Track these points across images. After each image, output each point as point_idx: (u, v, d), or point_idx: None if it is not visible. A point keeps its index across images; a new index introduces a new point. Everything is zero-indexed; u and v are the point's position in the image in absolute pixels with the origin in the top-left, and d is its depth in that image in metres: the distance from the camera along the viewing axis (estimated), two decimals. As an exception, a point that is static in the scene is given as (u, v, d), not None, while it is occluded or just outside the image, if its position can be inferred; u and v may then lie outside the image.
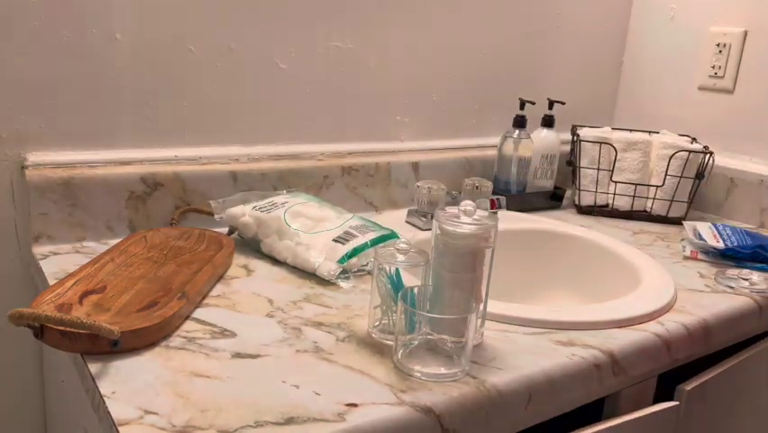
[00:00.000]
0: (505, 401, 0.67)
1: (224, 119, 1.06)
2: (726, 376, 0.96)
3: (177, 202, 1.01)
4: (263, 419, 0.58)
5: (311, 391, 0.63)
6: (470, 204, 0.72)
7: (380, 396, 0.63)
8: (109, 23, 0.93)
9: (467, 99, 1.34)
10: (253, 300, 0.82)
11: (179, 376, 0.64)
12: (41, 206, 0.91)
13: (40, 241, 0.92)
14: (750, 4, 1.35)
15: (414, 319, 0.69)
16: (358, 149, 1.20)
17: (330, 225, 0.96)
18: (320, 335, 0.74)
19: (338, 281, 0.88)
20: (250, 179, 1.07)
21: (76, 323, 0.63)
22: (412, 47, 1.23)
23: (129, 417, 0.57)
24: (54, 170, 0.92)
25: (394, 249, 0.76)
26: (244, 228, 0.97)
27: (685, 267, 1.07)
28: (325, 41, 1.13)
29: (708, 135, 1.43)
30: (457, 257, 0.71)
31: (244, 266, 0.92)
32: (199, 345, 0.70)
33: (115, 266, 0.83)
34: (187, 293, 0.75)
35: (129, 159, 0.98)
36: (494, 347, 0.74)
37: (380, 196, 1.22)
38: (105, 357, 0.65)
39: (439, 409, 0.63)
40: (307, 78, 1.12)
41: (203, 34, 1.01)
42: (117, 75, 0.96)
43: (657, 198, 1.31)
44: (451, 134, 1.34)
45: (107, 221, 0.96)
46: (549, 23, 1.43)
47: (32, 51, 0.89)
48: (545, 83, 1.47)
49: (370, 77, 1.19)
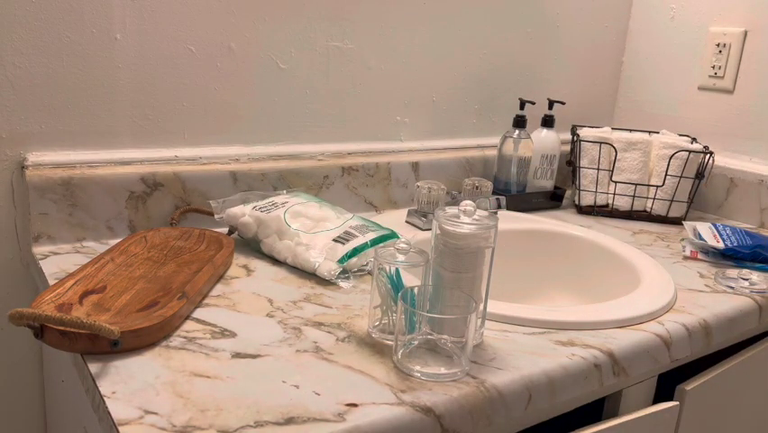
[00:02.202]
0: (505, 401, 0.67)
1: (224, 119, 1.06)
2: (726, 376, 0.96)
3: (177, 202, 1.01)
4: (263, 418, 0.58)
5: (311, 391, 0.63)
6: (470, 204, 0.72)
7: (380, 396, 0.63)
8: (109, 23, 0.93)
9: (467, 99, 1.34)
10: (253, 300, 0.82)
11: (179, 376, 0.64)
12: (41, 206, 0.91)
13: (40, 241, 0.92)
14: (750, 4, 1.35)
15: (414, 319, 0.69)
16: (358, 149, 1.20)
17: (330, 225, 0.96)
18: (320, 335, 0.74)
19: (338, 281, 0.88)
20: (250, 179, 1.07)
21: (76, 323, 0.63)
22: (412, 47, 1.23)
23: (129, 417, 0.57)
24: (54, 170, 0.92)
25: (394, 249, 0.76)
26: (244, 228, 0.97)
27: (685, 267, 1.07)
28: (325, 41, 1.13)
29: (708, 135, 1.43)
30: (457, 257, 0.71)
31: (244, 266, 0.92)
32: (199, 344, 0.70)
33: (115, 266, 0.83)
34: (187, 293, 0.75)
35: (129, 159, 0.98)
36: (494, 347, 0.74)
37: (380, 196, 1.22)
38: (105, 357, 0.65)
39: (439, 409, 0.63)
40: (307, 78, 1.12)
41: (203, 34, 1.01)
42: (117, 75, 0.96)
43: (657, 198, 1.31)
44: (451, 134, 1.34)
45: (107, 221, 0.97)
46: (549, 22, 1.43)
47: (31, 51, 0.89)
48: (545, 83, 1.47)
49: (370, 77, 1.20)
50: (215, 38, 1.02)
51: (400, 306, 0.68)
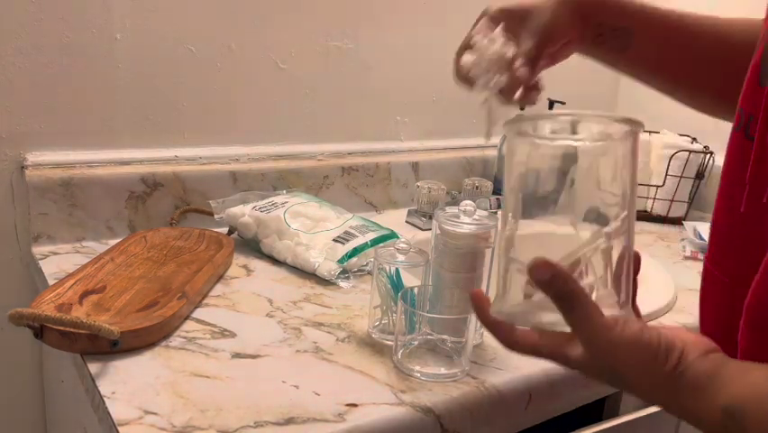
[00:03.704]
0: (505, 401, 0.67)
1: (224, 119, 1.06)
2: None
3: (177, 202, 1.01)
4: (263, 419, 0.58)
5: (311, 391, 0.63)
6: (470, 204, 0.72)
7: (380, 396, 0.63)
8: (109, 23, 0.93)
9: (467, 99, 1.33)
10: (253, 300, 0.82)
11: (179, 376, 0.64)
12: (41, 206, 0.91)
13: (39, 241, 0.92)
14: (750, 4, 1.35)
15: (414, 319, 0.69)
16: (358, 149, 1.20)
17: (330, 225, 0.96)
18: (320, 335, 0.74)
19: (338, 281, 0.88)
20: (250, 179, 1.07)
21: (76, 323, 0.63)
22: (412, 47, 1.23)
23: (129, 417, 0.57)
24: (54, 170, 0.92)
25: (394, 249, 0.76)
26: (244, 228, 0.97)
27: (685, 267, 1.07)
28: (325, 41, 1.13)
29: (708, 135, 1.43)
30: (457, 257, 0.71)
31: (244, 266, 0.92)
32: (199, 345, 0.70)
33: (115, 266, 0.83)
34: (186, 293, 0.75)
35: (129, 159, 0.98)
36: (494, 347, 0.74)
37: (380, 196, 1.22)
38: (104, 357, 0.65)
39: (439, 409, 0.63)
40: (307, 78, 1.12)
41: (203, 34, 1.01)
42: (117, 75, 0.96)
43: (657, 197, 1.31)
44: (451, 134, 1.34)
45: (107, 221, 0.96)
46: (549, 22, 1.42)
47: (32, 51, 0.89)
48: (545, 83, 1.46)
49: (370, 77, 1.19)
50: (215, 38, 1.02)
51: (400, 306, 0.68)
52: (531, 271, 0.43)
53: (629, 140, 0.47)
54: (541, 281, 0.43)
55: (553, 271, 0.42)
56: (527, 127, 0.46)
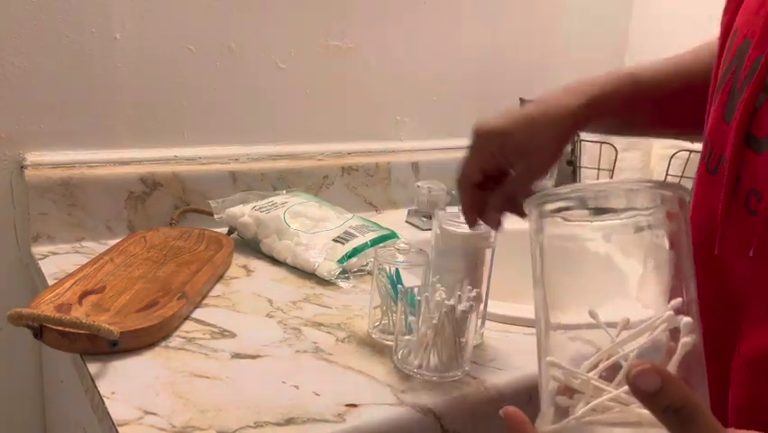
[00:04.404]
0: (505, 401, 0.67)
1: (224, 119, 1.06)
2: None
3: (176, 202, 1.01)
4: (263, 419, 0.58)
5: (311, 391, 0.63)
6: (470, 204, 0.72)
7: (380, 396, 0.63)
8: (109, 23, 0.93)
9: (467, 99, 1.33)
10: (253, 300, 0.82)
11: (179, 376, 0.64)
12: (41, 206, 0.91)
13: (39, 241, 0.92)
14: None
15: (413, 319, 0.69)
16: (358, 149, 1.20)
17: (330, 225, 0.96)
18: (320, 335, 0.74)
19: (338, 281, 0.88)
20: (249, 179, 1.07)
21: (75, 323, 0.63)
22: (412, 47, 1.23)
23: (128, 417, 0.57)
24: (53, 170, 0.92)
25: (394, 249, 0.75)
26: (244, 228, 0.96)
27: (685, 267, 1.07)
28: (325, 41, 1.13)
29: (708, 135, 1.43)
30: (457, 257, 0.71)
31: (244, 266, 0.92)
32: (199, 345, 0.70)
33: (115, 266, 0.83)
34: (186, 293, 0.75)
35: (128, 159, 0.98)
36: (494, 347, 0.74)
37: (380, 196, 1.22)
38: (104, 357, 0.65)
39: (439, 409, 0.63)
40: (307, 78, 1.12)
41: (203, 34, 1.01)
42: (117, 75, 0.96)
43: (657, 197, 1.31)
44: (451, 134, 1.33)
45: (106, 221, 0.96)
46: (549, 22, 1.42)
47: (32, 51, 0.89)
48: (545, 83, 1.46)
49: (370, 76, 1.19)
50: (215, 38, 1.02)
51: (400, 306, 0.68)
52: (633, 378, 0.32)
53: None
54: (646, 394, 0.32)
55: (665, 377, 0.32)
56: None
